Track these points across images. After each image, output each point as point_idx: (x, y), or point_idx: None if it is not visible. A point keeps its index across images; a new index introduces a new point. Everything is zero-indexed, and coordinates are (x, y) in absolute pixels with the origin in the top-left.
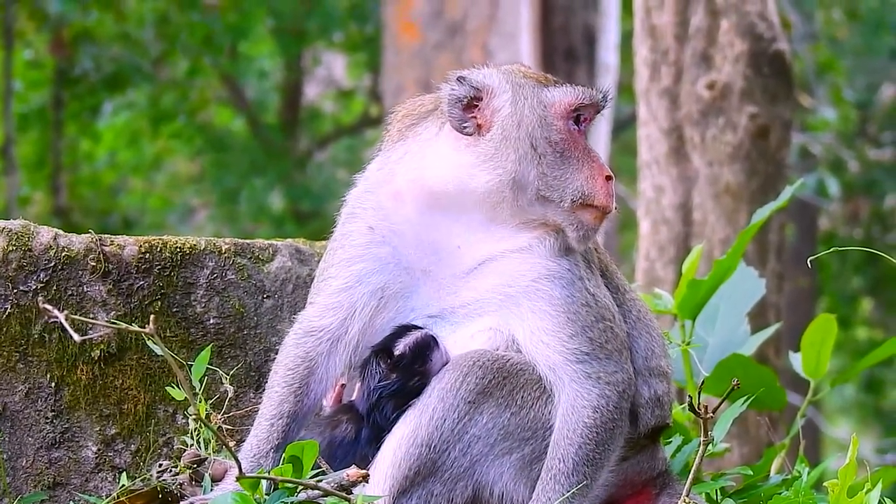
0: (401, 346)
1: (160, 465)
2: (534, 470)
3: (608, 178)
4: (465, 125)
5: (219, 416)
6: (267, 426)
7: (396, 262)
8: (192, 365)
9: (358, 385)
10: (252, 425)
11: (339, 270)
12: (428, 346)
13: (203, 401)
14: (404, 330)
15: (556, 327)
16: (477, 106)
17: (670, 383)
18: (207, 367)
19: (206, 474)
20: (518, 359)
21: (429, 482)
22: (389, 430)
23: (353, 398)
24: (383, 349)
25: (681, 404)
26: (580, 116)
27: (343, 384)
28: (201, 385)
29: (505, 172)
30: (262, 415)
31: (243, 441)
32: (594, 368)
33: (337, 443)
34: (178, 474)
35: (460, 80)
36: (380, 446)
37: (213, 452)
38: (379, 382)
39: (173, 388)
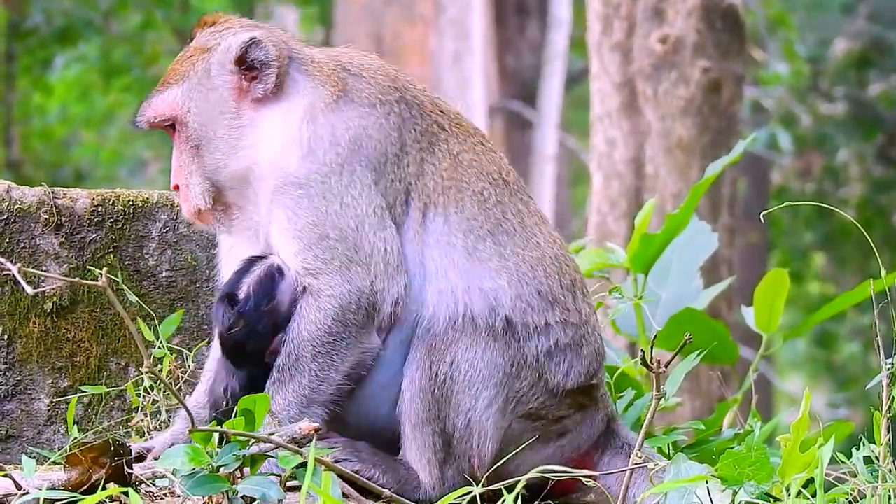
0: (244, 289)
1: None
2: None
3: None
4: None
5: (177, 371)
6: (206, 378)
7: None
8: (144, 317)
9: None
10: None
11: None
12: (272, 279)
13: (165, 353)
14: (249, 264)
15: (288, 244)
16: None
17: (580, 340)
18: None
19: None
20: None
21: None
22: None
23: None
24: (227, 294)
25: (633, 359)
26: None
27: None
28: (160, 341)
29: None
30: (205, 367)
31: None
32: (318, 282)
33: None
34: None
35: None
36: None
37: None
38: (230, 331)
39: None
